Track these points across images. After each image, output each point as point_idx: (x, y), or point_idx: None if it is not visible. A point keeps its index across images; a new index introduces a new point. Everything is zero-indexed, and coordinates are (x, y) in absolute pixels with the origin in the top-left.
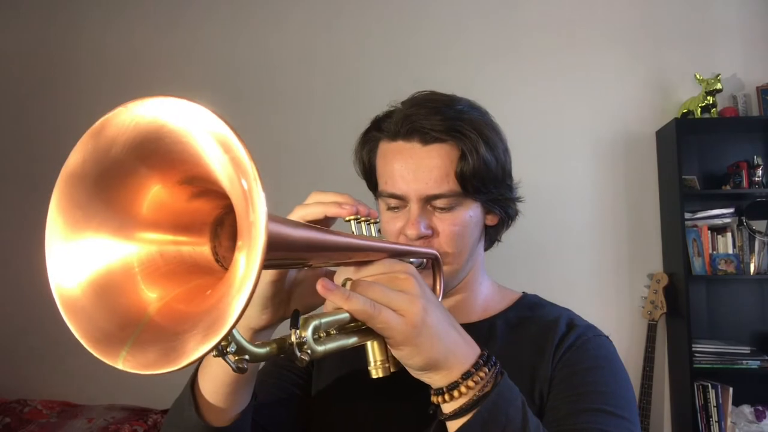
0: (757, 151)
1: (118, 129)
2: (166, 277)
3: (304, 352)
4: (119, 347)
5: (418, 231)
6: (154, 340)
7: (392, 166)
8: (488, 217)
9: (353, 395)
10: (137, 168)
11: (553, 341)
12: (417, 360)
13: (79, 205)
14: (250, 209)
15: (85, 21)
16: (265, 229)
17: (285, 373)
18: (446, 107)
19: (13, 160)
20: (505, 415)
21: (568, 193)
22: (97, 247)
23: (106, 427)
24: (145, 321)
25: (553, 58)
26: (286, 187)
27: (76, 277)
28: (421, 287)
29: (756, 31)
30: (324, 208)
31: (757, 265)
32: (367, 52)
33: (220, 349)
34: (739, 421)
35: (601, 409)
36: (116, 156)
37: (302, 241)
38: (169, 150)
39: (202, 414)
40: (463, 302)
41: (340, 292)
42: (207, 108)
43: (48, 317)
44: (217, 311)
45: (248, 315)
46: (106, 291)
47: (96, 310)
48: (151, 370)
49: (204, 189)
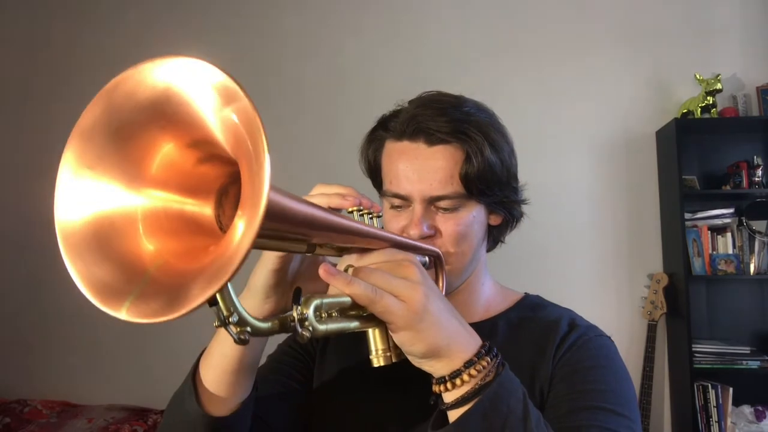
0: (757, 151)
1: (128, 90)
2: (168, 234)
3: (306, 328)
4: (123, 298)
5: (420, 231)
6: (157, 292)
7: (397, 165)
8: (492, 217)
9: (354, 388)
10: (148, 127)
11: (554, 341)
12: (419, 347)
13: (93, 148)
14: (254, 160)
15: (85, 21)
16: (269, 175)
17: (287, 369)
18: (453, 108)
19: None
20: (507, 405)
21: (568, 193)
22: (104, 191)
23: (106, 427)
24: (149, 275)
25: (553, 58)
26: (294, 187)
27: (80, 213)
28: (423, 275)
29: (756, 31)
30: (327, 199)
31: (757, 265)
32: (373, 50)
33: (223, 318)
34: (739, 422)
35: (601, 407)
36: (128, 116)
37: (304, 215)
38: (177, 111)
39: (203, 404)
40: (465, 302)
41: (342, 276)
42: (209, 63)
43: (48, 317)
44: (219, 263)
45: (250, 305)
46: (107, 234)
47: (96, 253)
48: (156, 318)
49: (211, 154)
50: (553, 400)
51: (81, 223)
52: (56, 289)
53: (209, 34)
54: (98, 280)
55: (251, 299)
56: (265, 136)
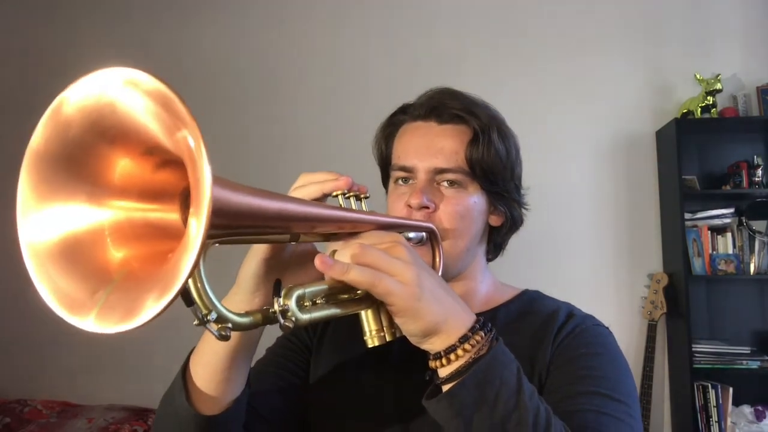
0: (757, 151)
1: (73, 108)
2: (134, 242)
3: (288, 319)
4: (90, 309)
5: (420, 200)
6: (120, 300)
7: (407, 141)
8: (492, 217)
9: (350, 375)
10: (97, 143)
11: (553, 329)
12: (418, 325)
13: (46, 179)
14: (194, 158)
15: (85, 21)
16: (209, 180)
17: (285, 362)
18: (467, 97)
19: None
20: (500, 377)
21: (568, 193)
22: (67, 214)
23: (106, 427)
24: (114, 283)
25: (553, 58)
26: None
27: (47, 239)
28: (412, 253)
29: (756, 31)
30: (321, 186)
31: (757, 265)
32: (372, 50)
33: (201, 317)
34: (739, 421)
35: (598, 392)
36: (76, 134)
37: (274, 209)
38: (122, 121)
39: (193, 402)
40: (465, 294)
41: (338, 266)
42: (142, 71)
43: (48, 318)
44: (171, 272)
45: (239, 300)
46: (76, 253)
47: (65, 269)
48: (113, 329)
49: (166, 159)
50: (550, 386)
51: (48, 244)
52: None
53: (209, 37)
54: (66, 294)
55: (240, 294)
56: (200, 134)
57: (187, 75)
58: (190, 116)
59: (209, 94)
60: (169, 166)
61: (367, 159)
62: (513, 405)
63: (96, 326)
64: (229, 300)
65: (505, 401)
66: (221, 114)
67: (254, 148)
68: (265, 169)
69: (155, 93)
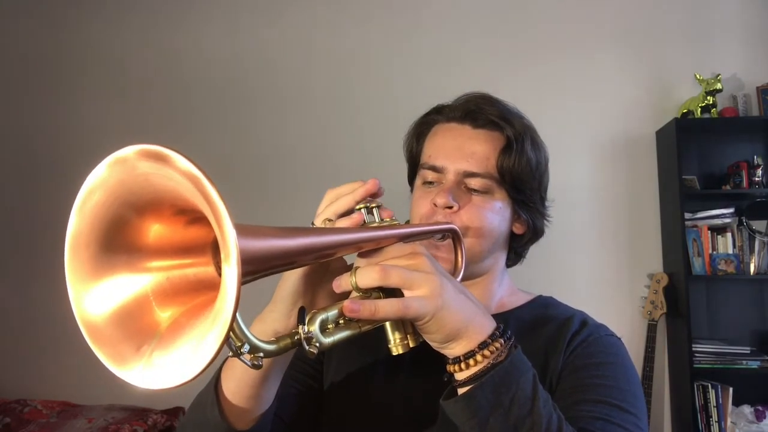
0: (757, 151)
1: (96, 200)
2: (175, 297)
3: (313, 345)
4: (136, 364)
5: (446, 199)
6: (165, 355)
7: (439, 141)
8: (516, 225)
9: (361, 379)
10: (130, 216)
11: (566, 337)
12: (441, 333)
13: (86, 260)
14: (214, 212)
15: (85, 21)
16: (235, 243)
17: (297, 363)
18: (504, 105)
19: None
20: (516, 383)
21: (568, 193)
22: (112, 287)
23: (106, 427)
24: (156, 339)
25: (553, 58)
26: (298, 188)
27: (97, 310)
28: (432, 263)
29: (756, 31)
30: (352, 197)
31: (757, 265)
32: (371, 50)
33: (235, 349)
34: (739, 421)
35: (606, 401)
36: (109, 214)
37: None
38: (154, 193)
39: (225, 415)
40: (482, 296)
41: (367, 309)
42: (178, 152)
43: (48, 317)
44: (214, 323)
45: (275, 318)
46: (125, 318)
47: (118, 335)
48: (164, 385)
49: (196, 216)
50: (560, 392)
51: (101, 317)
52: (56, 289)
53: (210, 38)
54: (118, 353)
55: (276, 312)
56: (213, 186)
57: (187, 75)
58: (197, 173)
59: (209, 94)
60: (198, 222)
61: (369, 159)
62: (527, 411)
63: (145, 384)
64: (264, 317)
65: (519, 407)
66: (221, 114)
67: (255, 147)
68: (266, 169)
69: (155, 155)
